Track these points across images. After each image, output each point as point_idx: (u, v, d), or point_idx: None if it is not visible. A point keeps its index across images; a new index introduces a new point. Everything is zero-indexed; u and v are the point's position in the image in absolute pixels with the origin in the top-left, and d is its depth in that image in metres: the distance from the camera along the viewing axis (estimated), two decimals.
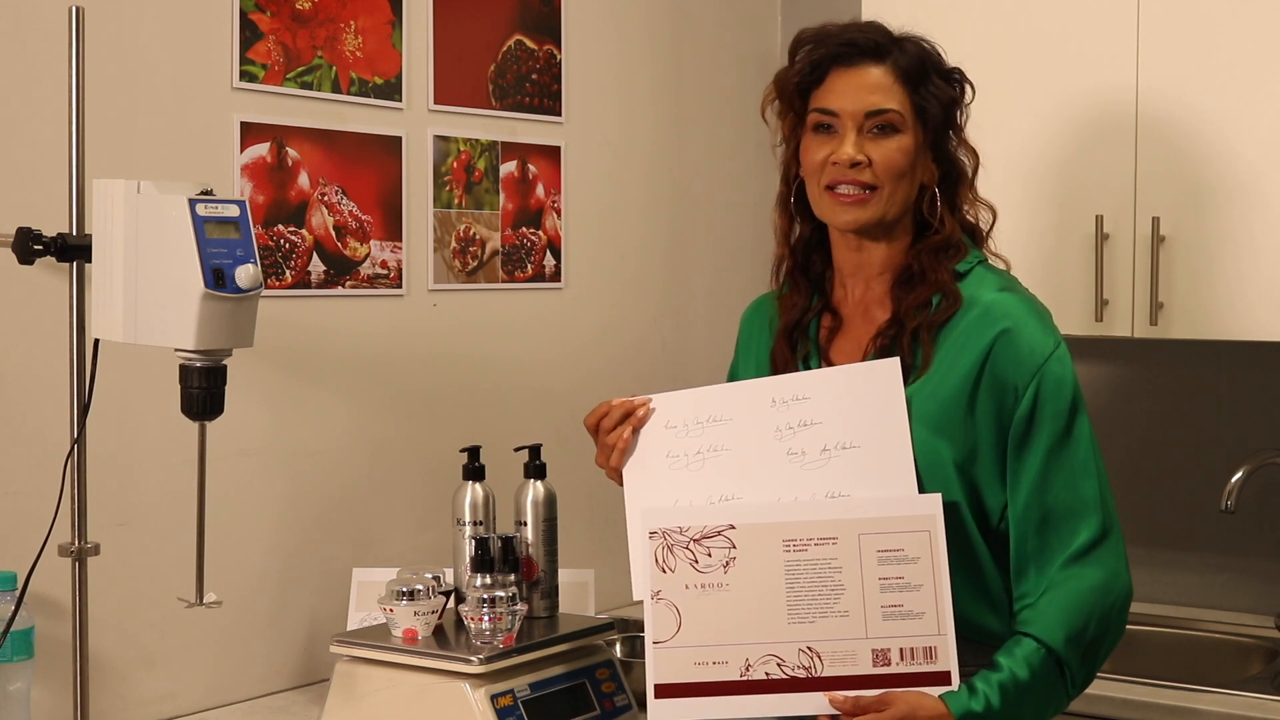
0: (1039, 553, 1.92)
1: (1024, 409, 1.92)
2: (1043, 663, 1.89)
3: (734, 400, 1.99)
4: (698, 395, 2.02)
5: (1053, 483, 1.93)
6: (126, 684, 2.38)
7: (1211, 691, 2.53)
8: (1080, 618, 1.90)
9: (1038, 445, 1.93)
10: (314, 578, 2.63)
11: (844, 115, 1.99)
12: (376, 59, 2.71)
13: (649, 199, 3.29)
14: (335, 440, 2.67)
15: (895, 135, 1.99)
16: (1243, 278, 2.68)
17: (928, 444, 1.94)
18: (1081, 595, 1.91)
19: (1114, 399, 3.14)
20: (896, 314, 2.01)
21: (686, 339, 3.38)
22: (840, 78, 2.01)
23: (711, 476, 1.96)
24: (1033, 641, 1.89)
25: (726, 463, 1.96)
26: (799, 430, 1.94)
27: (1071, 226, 2.78)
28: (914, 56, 2.01)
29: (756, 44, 3.54)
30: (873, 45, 2.00)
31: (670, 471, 1.98)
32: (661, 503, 1.96)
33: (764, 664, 1.84)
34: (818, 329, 2.10)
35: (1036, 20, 2.84)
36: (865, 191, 1.98)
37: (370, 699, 2.27)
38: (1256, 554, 3.07)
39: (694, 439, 1.98)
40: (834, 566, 1.87)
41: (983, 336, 1.95)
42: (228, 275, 1.90)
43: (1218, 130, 2.68)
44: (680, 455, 1.98)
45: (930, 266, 2.00)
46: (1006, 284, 2.02)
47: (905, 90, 1.99)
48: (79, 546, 2.11)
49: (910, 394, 1.95)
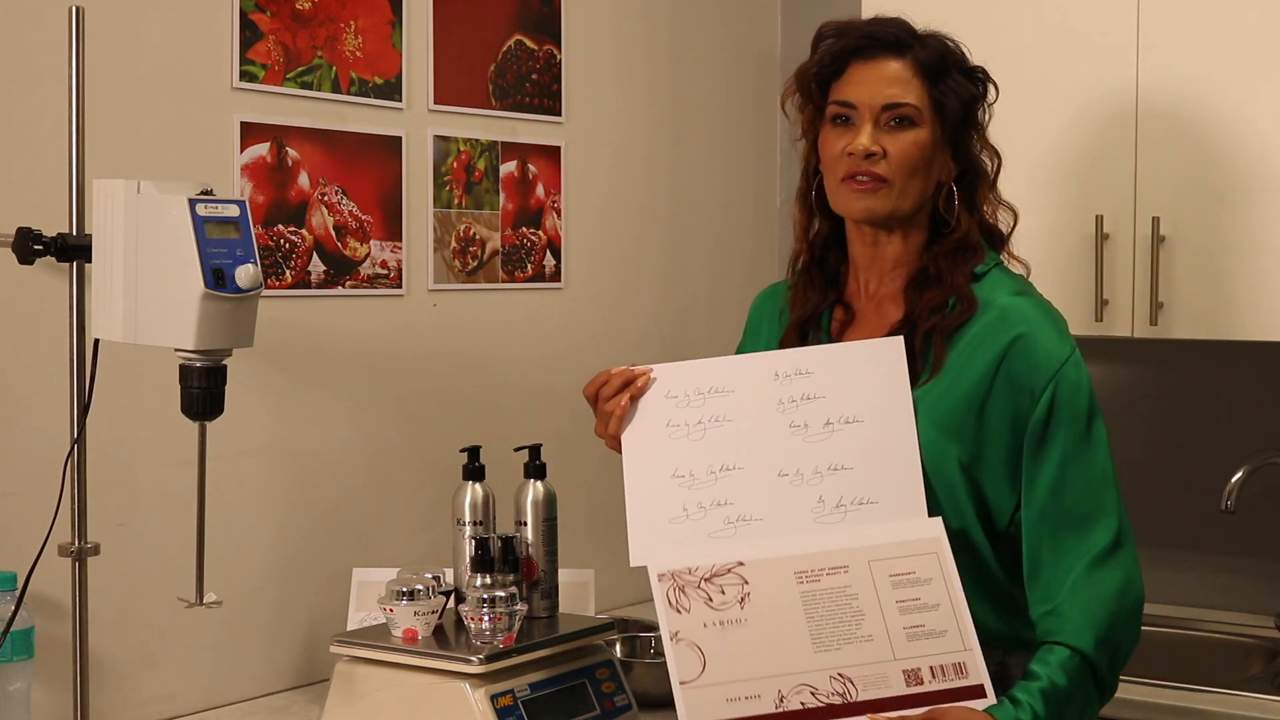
0: (1055, 557, 1.92)
1: (1040, 413, 1.92)
2: (1078, 669, 1.88)
3: (737, 372, 1.98)
4: (700, 366, 2.00)
5: (1070, 487, 1.92)
6: (126, 684, 2.38)
7: (1211, 691, 2.53)
8: (1106, 622, 1.90)
9: (1055, 449, 1.92)
10: (314, 578, 2.63)
11: (861, 107, 1.99)
12: (376, 59, 2.71)
13: (649, 199, 3.29)
14: (335, 440, 2.67)
15: (911, 129, 1.98)
16: (1243, 278, 2.68)
17: (937, 445, 1.94)
18: (1104, 600, 1.90)
19: (1114, 399, 3.13)
20: (910, 314, 2.00)
21: (686, 339, 3.38)
22: (859, 70, 2.01)
23: (712, 446, 1.95)
24: (1065, 649, 1.88)
25: (727, 433, 1.95)
26: (802, 404, 1.94)
27: (1071, 226, 2.78)
28: (935, 52, 2.00)
29: (756, 44, 3.54)
30: (893, 39, 2.00)
31: (670, 440, 1.96)
32: (658, 473, 1.94)
33: (798, 694, 1.82)
34: (830, 321, 2.09)
35: (1035, 20, 2.84)
36: (879, 182, 1.98)
37: (370, 699, 2.27)
38: (1256, 554, 3.07)
39: (695, 409, 1.96)
40: (850, 594, 1.86)
41: (998, 341, 1.94)
42: (228, 275, 1.90)
43: (1218, 130, 2.68)
44: (681, 424, 1.96)
45: (946, 268, 1.99)
46: (1022, 288, 2.01)
47: (924, 84, 1.99)
48: (79, 546, 2.11)
49: (920, 395, 1.94)
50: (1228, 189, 2.68)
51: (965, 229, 2.01)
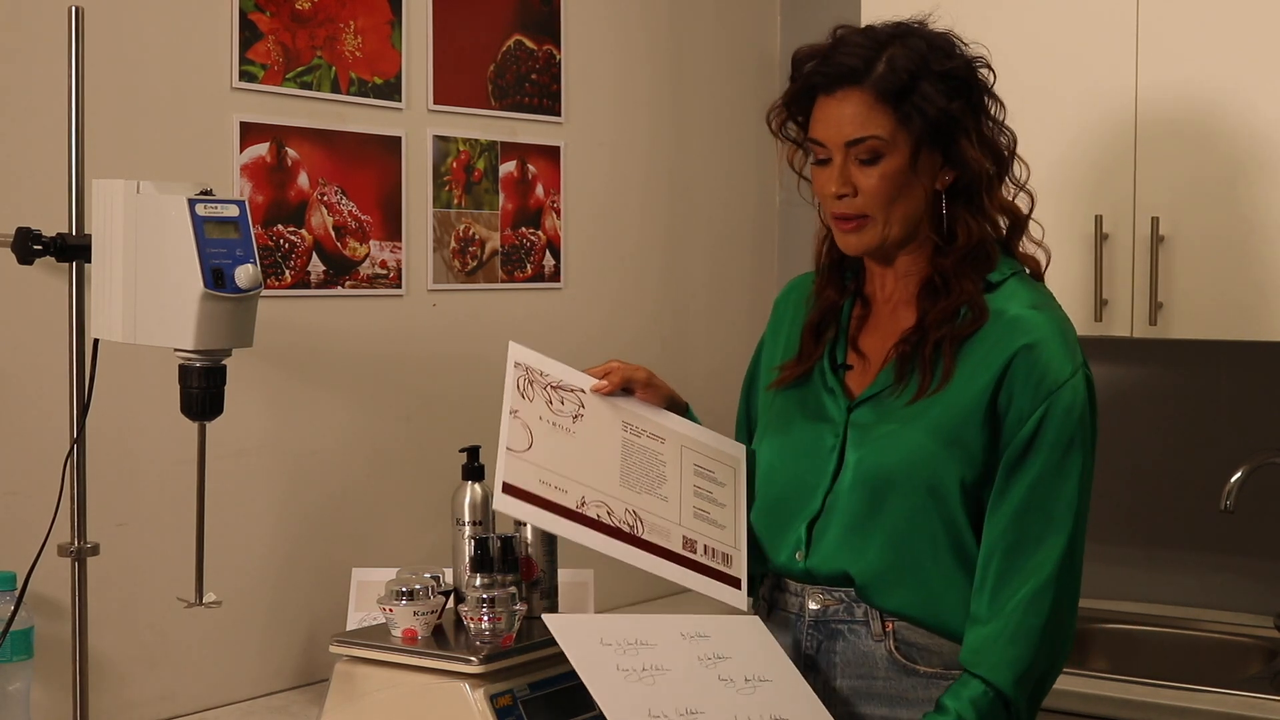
0: (1000, 579, 1.90)
1: (1026, 432, 1.89)
2: (990, 705, 1.88)
3: (654, 630, 1.99)
4: (621, 622, 2.02)
5: (1034, 512, 1.90)
6: (126, 684, 2.38)
7: (1210, 691, 2.53)
8: (1029, 656, 1.88)
9: (1028, 472, 1.90)
10: (313, 578, 2.63)
11: (829, 144, 1.95)
12: (376, 59, 2.71)
13: (648, 199, 3.29)
14: (335, 440, 2.67)
15: (879, 161, 1.92)
16: (1242, 278, 2.68)
17: (935, 457, 1.92)
18: (1031, 632, 1.88)
19: (1113, 399, 3.14)
20: (921, 322, 1.97)
21: (686, 338, 3.38)
22: (823, 106, 1.96)
23: (667, 690, 1.92)
24: (981, 684, 1.88)
25: (673, 680, 1.93)
26: (718, 661, 1.96)
27: (1071, 226, 2.78)
28: (899, 69, 1.91)
29: (756, 44, 3.54)
30: (848, 70, 1.92)
31: (629, 684, 1.93)
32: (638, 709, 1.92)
33: (596, 507, 2.00)
34: (849, 316, 2.08)
35: (1035, 21, 2.84)
36: (861, 219, 1.95)
37: (369, 699, 2.27)
38: (1256, 554, 3.07)
39: (632, 658, 1.95)
40: (660, 459, 2.08)
41: (1003, 353, 1.91)
42: (227, 275, 1.90)
43: (1218, 130, 2.68)
44: (631, 670, 1.95)
45: (955, 277, 1.95)
46: (1038, 301, 1.96)
47: (887, 109, 1.91)
48: (78, 546, 2.11)
49: (927, 405, 1.93)
50: (1227, 189, 2.68)
51: (965, 238, 1.96)
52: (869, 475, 1.95)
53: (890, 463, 1.94)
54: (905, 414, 1.95)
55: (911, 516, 1.93)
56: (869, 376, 2.02)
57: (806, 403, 2.05)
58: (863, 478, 1.96)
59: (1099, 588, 3.01)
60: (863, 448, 1.97)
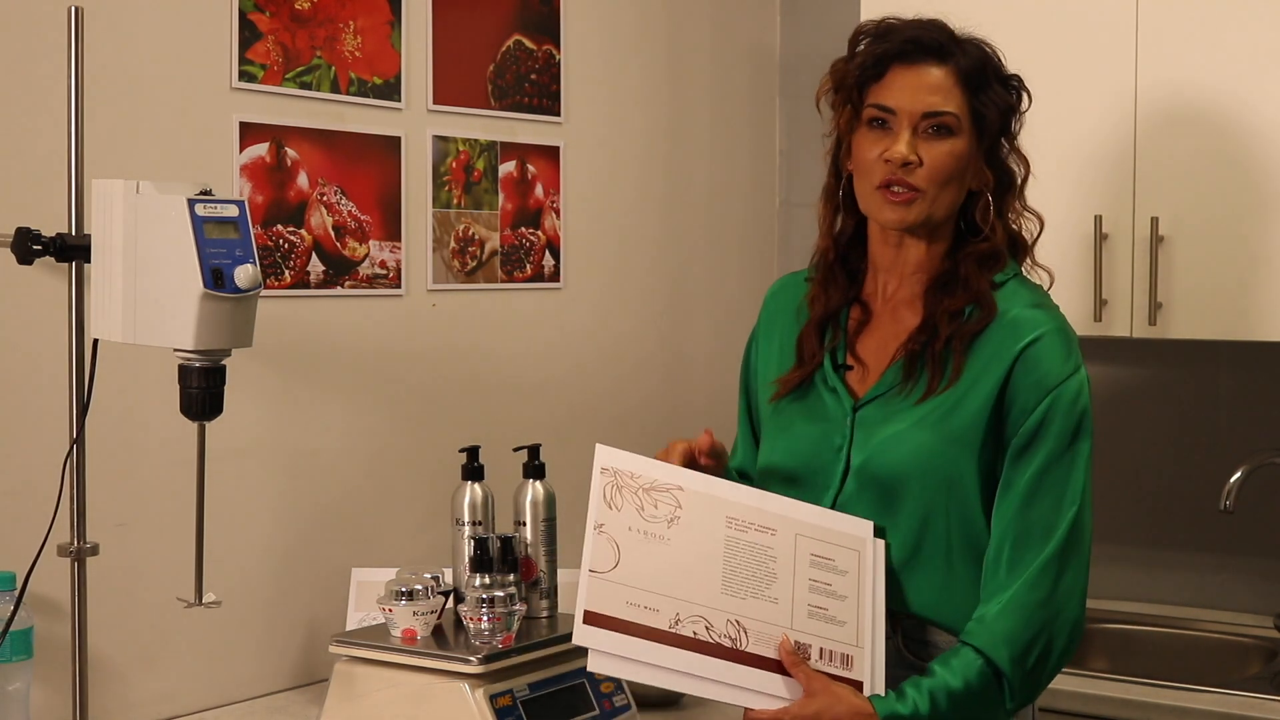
0: (1011, 565, 1.91)
1: (1031, 423, 1.91)
2: (979, 674, 1.87)
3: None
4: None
5: (1040, 500, 1.91)
6: (126, 684, 2.38)
7: (1210, 691, 2.53)
8: (1027, 633, 1.88)
9: (1035, 460, 1.91)
10: (313, 578, 2.63)
11: (901, 113, 1.97)
12: (375, 59, 2.71)
13: (648, 199, 3.29)
14: (334, 440, 2.67)
15: (949, 138, 1.96)
16: (1242, 278, 2.68)
17: (947, 455, 1.93)
18: (1030, 610, 1.88)
19: (1113, 399, 3.14)
20: (929, 319, 1.98)
21: (686, 338, 3.38)
22: (900, 75, 1.98)
23: None
24: (972, 652, 1.88)
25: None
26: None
27: (1070, 226, 2.78)
28: (975, 60, 1.98)
29: (755, 44, 3.54)
30: (936, 45, 1.98)
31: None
32: None
33: (693, 623, 1.84)
34: (848, 319, 2.09)
35: (1034, 21, 2.84)
36: (913, 192, 1.96)
37: (369, 699, 2.27)
38: (1255, 554, 3.08)
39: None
40: (770, 555, 1.89)
41: (1008, 352, 1.93)
42: (227, 275, 1.90)
43: (1218, 130, 2.68)
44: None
45: (973, 274, 1.98)
46: (1038, 301, 1.99)
47: (964, 94, 1.97)
48: (78, 546, 2.11)
49: (936, 403, 1.94)
50: (1227, 189, 2.68)
51: (998, 238, 2.01)
52: (880, 474, 1.95)
53: (901, 461, 1.94)
54: (914, 413, 1.95)
55: (924, 515, 1.93)
56: (872, 377, 2.02)
57: (810, 406, 2.05)
58: (873, 477, 1.96)
59: (1099, 588, 2.98)
60: (871, 447, 1.97)
